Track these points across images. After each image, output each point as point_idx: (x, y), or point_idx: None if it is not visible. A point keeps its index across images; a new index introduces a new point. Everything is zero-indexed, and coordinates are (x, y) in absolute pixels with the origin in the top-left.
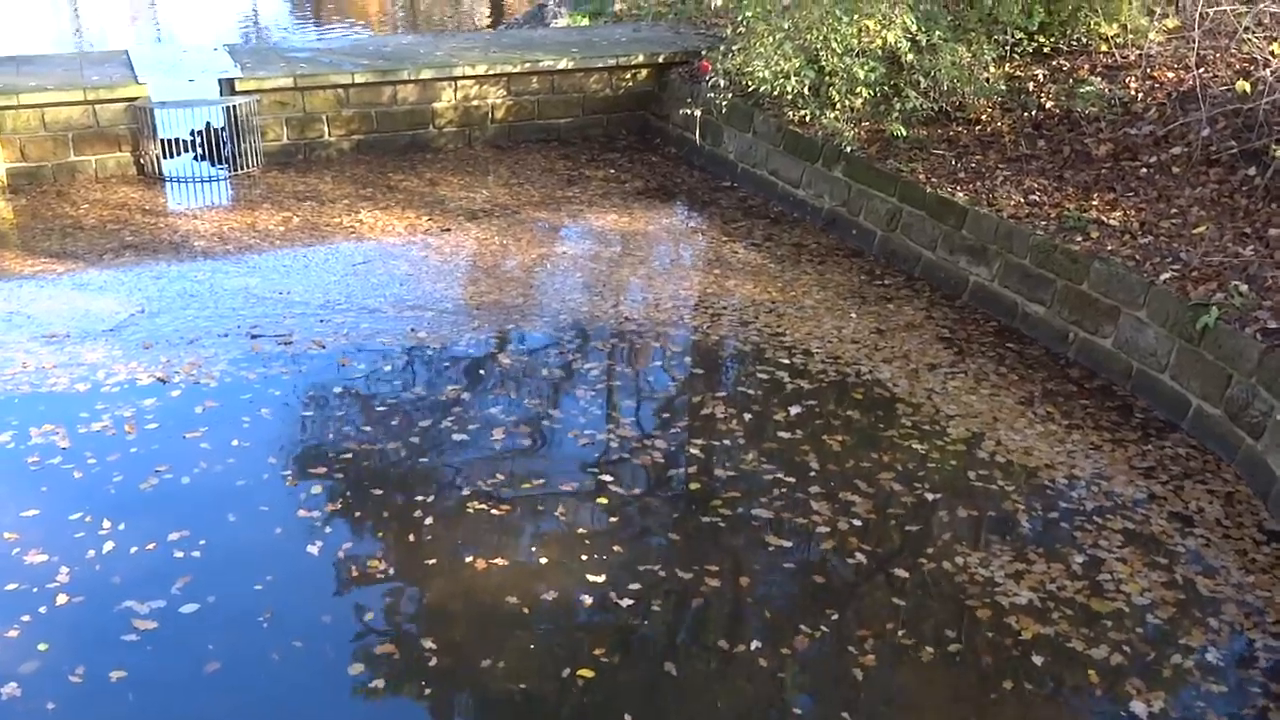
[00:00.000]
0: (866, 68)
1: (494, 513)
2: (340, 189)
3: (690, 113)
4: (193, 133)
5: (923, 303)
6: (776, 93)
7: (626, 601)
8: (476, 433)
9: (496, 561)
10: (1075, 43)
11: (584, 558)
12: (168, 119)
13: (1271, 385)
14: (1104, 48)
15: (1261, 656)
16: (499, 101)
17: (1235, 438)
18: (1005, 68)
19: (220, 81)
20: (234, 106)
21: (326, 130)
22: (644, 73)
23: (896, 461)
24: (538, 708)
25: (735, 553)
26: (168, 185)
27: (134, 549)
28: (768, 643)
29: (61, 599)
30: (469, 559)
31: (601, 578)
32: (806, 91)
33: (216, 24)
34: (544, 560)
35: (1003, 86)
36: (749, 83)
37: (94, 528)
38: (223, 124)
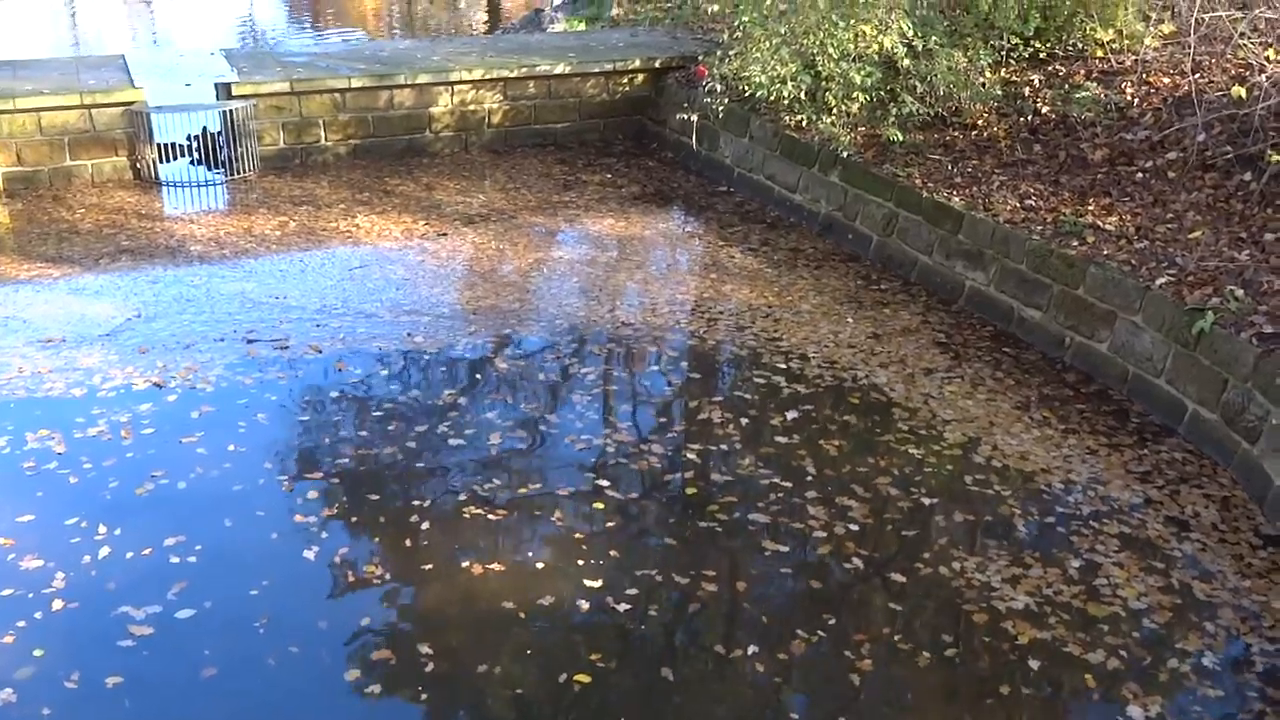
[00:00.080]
0: (863, 73)
1: (490, 517)
2: (337, 193)
3: (687, 117)
4: (189, 137)
5: (919, 307)
6: (773, 97)
7: (623, 606)
8: (473, 437)
9: (493, 566)
10: (1071, 48)
11: (581, 562)
12: (164, 123)
13: (1267, 389)
14: (1100, 53)
15: (1258, 661)
16: (495, 106)
17: (1231, 442)
18: (1001, 73)
19: (217, 86)
20: (230, 111)
21: (323, 135)
22: (640, 78)
23: (893, 466)
24: (534, 713)
25: (732, 557)
26: (164, 190)
27: (130, 554)
28: (764, 647)
29: (57, 604)
30: (465, 564)
31: (598, 582)
32: (803, 96)
33: (213, 28)
34: (540, 565)
35: (999, 92)
36: (745, 88)
37: (90, 533)
38: (219, 128)
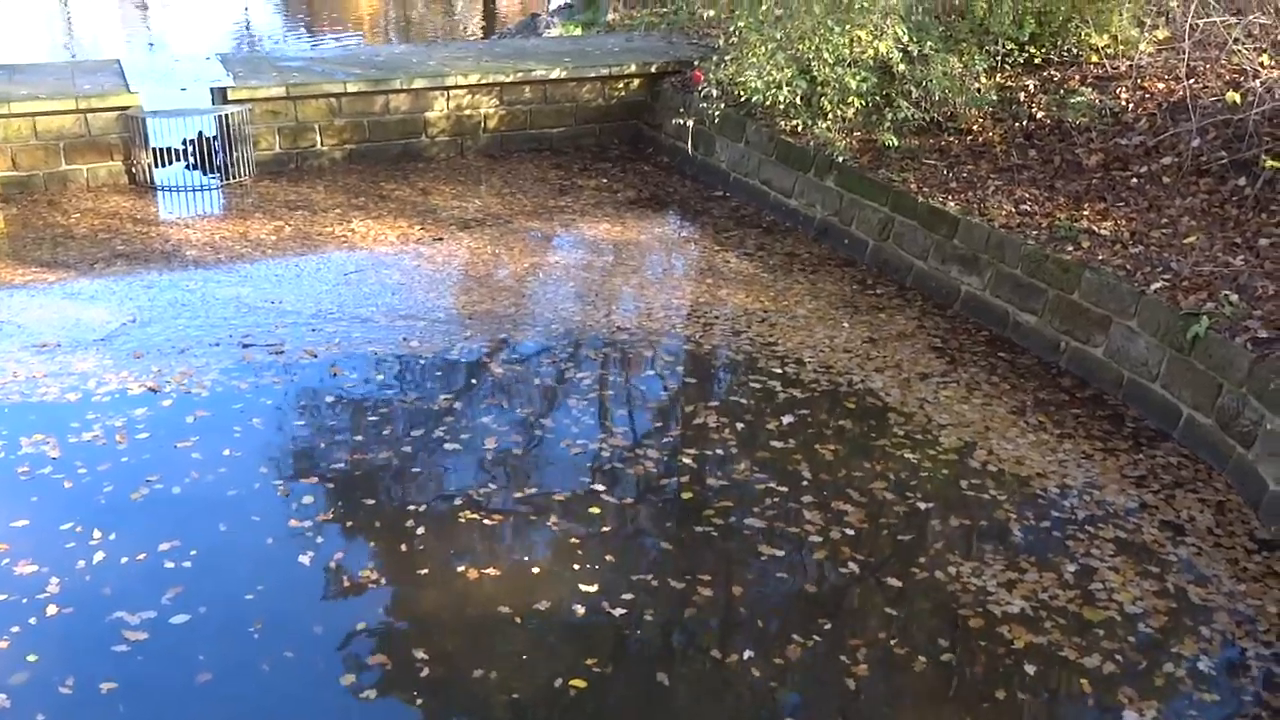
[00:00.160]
0: (858, 78)
1: (486, 522)
2: (332, 198)
3: (683, 122)
4: (185, 142)
5: (915, 312)
6: (769, 102)
7: (619, 611)
8: (469, 442)
9: (488, 571)
10: (1066, 53)
11: (576, 567)
12: (160, 128)
13: (1262, 395)
14: (1095, 58)
15: (1253, 665)
16: (491, 111)
17: (1226, 447)
18: (996, 78)
19: (212, 90)
20: (226, 115)
21: (319, 139)
22: (636, 82)
23: (889, 471)
24: (530, 717)
25: (728, 562)
26: (159, 194)
27: (124, 559)
28: (760, 652)
29: (51, 610)
30: (461, 568)
31: (594, 587)
32: (799, 101)
33: (208, 33)
34: (536, 570)
35: (994, 97)
36: (741, 92)
37: (84, 538)
38: (215, 133)
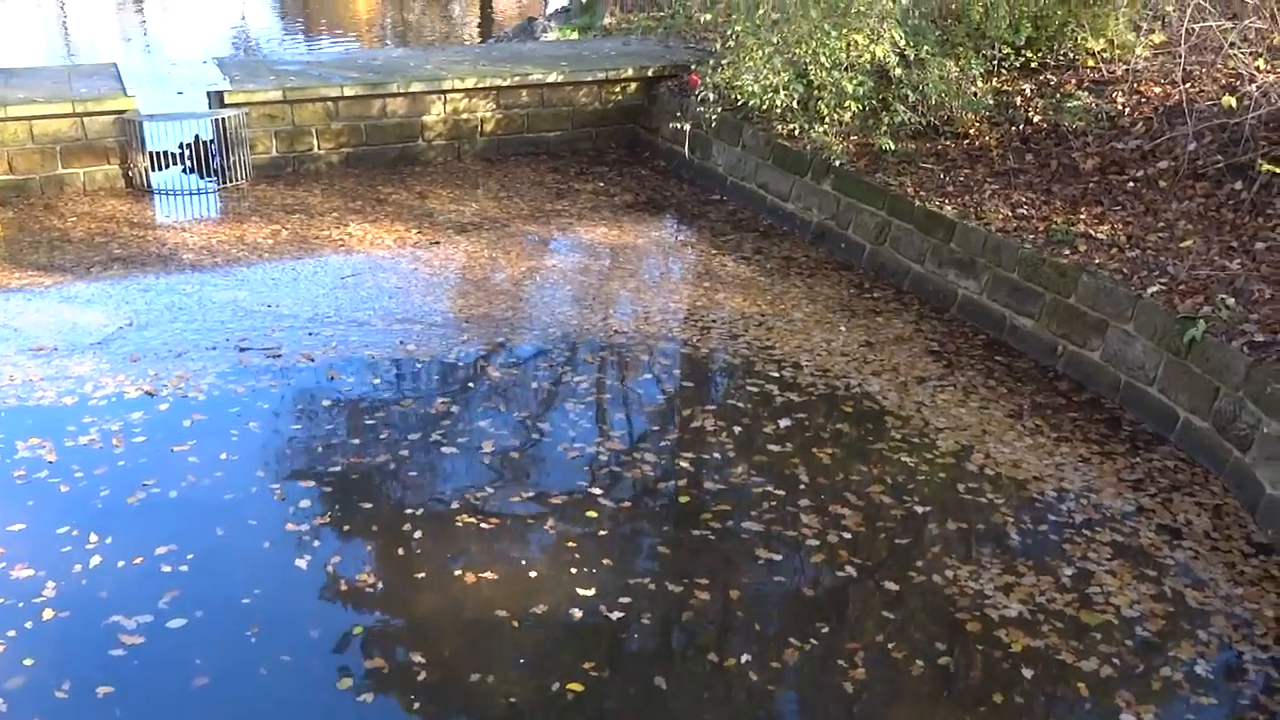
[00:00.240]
0: (855, 82)
1: (483, 526)
2: (329, 202)
3: (679, 126)
4: (181, 145)
5: (912, 316)
6: (765, 106)
7: (616, 615)
8: (466, 446)
9: (486, 575)
10: (1062, 58)
11: (573, 570)
12: (156, 132)
13: (1259, 398)
14: (1091, 63)
15: (1251, 669)
16: (488, 115)
17: (1223, 450)
18: (993, 82)
19: (209, 94)
20: (223, 119)
21: (316, 143)
22: (633, 86)
23: (886, 474)
24: None
25: (725, 565)
26: (156, 198)
27: (121, 563)
28: (758, 656)
29: (48, 614)
30: (458, 572)
31: (591, 591)
32: (795, 105)
33: (206, 36)
34: (533, 573)
35: (990, 101)
36: (738, 96)
37: (81, 542)
38: (211, 137)
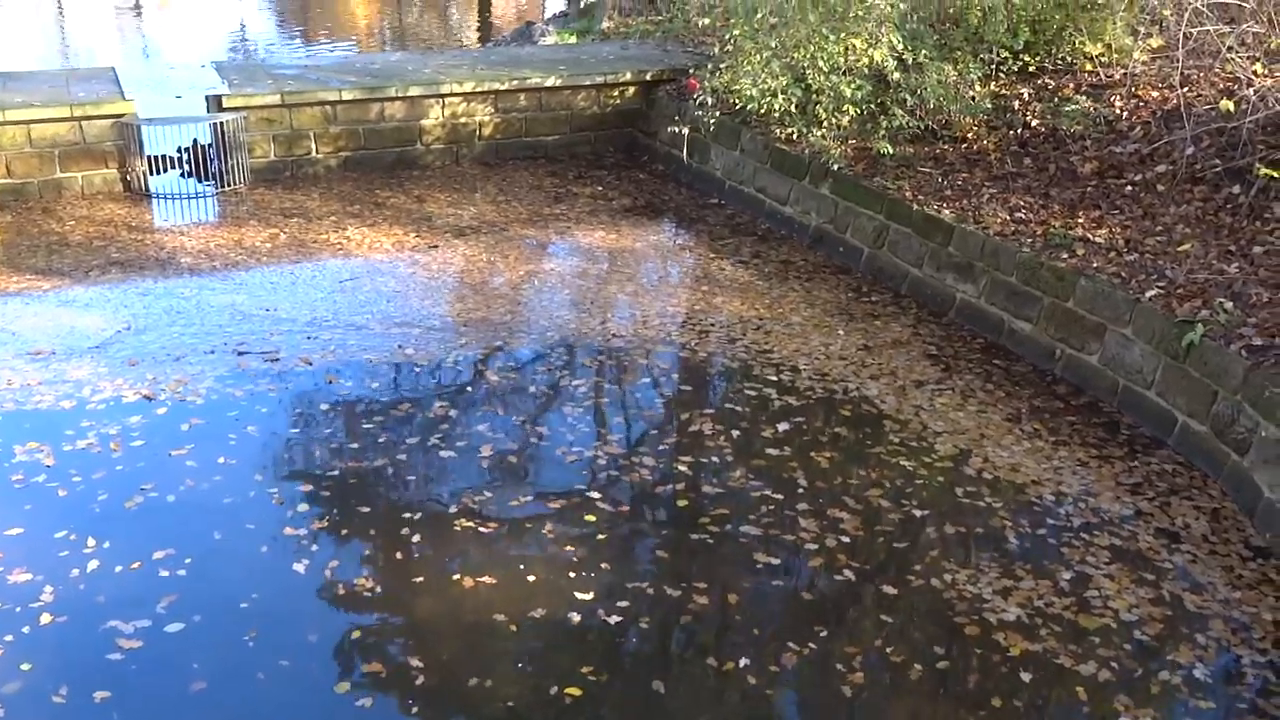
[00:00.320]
0: (853, 86)
1: (482, 530)
2: (327, 206)
3: (678, 130)
4: (180, 149)
5: (910, 320)
6: (764, 110)
7: (615, 619)
8: (464, 450)
9: (484, 579)
10: (1060, 62)
11: (572, 575)
12: (154, 136)
13: (1257, 402)
14: (1089, 67)
15: (1249, 672)
16: (487, 119)
17: (1221, 454)
18: (991, 86)
19: (207, 98)
20: (221, 123)
21: (314, 147)
22: (631, 90)
23: (884, 478)
24: None
25: (723, 570)
26: (154, 202)
27: (119, 568)
28: (756, 660)
29: (45, 618)
30: (456, 576)
31: (589, 595)
32: (794, 109)
33: (204, 41)
34: (532, 578)
35: (988, 105)
36: (736, 100)
37: (78, 546)
38: (210, 141)
